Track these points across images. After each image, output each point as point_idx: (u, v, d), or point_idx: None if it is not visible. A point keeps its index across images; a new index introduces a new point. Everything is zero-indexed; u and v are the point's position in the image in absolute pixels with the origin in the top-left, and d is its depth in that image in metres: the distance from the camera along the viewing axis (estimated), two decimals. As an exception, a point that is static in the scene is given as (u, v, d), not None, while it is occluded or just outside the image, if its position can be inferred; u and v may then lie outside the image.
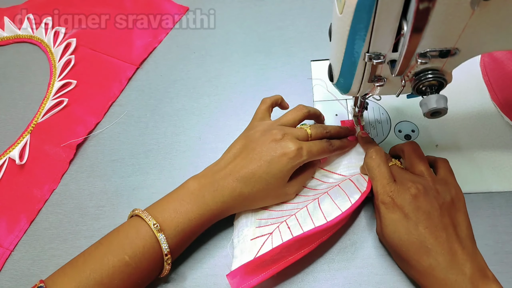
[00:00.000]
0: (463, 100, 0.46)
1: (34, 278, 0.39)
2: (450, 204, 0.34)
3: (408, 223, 0.32)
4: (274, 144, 0.36)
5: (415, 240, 0.32)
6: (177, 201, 0.35)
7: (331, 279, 0.36)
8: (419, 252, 0.32)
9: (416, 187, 0.33)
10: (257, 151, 0.36)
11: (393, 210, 0.33)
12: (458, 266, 0.31)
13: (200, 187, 0.36)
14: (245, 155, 0.37)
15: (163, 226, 0.34)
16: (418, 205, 0.32)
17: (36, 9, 0.60)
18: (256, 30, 0.56)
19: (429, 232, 0.32)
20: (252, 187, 0.36)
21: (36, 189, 0.45)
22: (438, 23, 0.26)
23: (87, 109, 0.50)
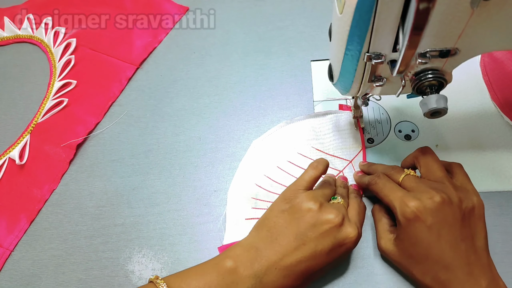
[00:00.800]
0: (463, 100, 0.46)
1: (34, 278, 0.39)
2: (471, 212, 0.32)
3: (430, 236, 0.31)
4: (334, 233, 0.32)
5: (435, 254, 0.31)
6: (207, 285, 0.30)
7: (331, 279, 0.36)
8: (437, 265, 0.31)
9: (441, 196, 0.31)
10: (311, 242, 0.31)
11: (416, 223, 0.31)
12: (474, 278, 0.30)
13: (238, 280, 0.30)
14: (297, 244, 0.31)
15: None
16: (442, 216, 0.31)
17: (36, 9, 0.60)
18: (256, 30, 0.56)
19: (449, 246, 0.31)
20: (304, 281, 0.32)
21: (36, 189, 0.45)
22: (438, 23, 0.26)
23: (87, 109, 0.50)
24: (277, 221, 0.33)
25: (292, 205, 0.33)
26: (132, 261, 0.39)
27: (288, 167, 0.43)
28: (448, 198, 0.31)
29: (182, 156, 0.46)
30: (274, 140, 0.45)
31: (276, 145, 0.45)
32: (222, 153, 0.45)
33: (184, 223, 0.41)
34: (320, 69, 0.51)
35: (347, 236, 0.32)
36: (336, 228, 0.32)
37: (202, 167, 0.45)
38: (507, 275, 0.32)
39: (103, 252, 0.40)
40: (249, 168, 0.43)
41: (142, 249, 0.40)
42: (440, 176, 0.34)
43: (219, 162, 0.45)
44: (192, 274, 0.31)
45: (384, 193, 0.34)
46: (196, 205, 0.42)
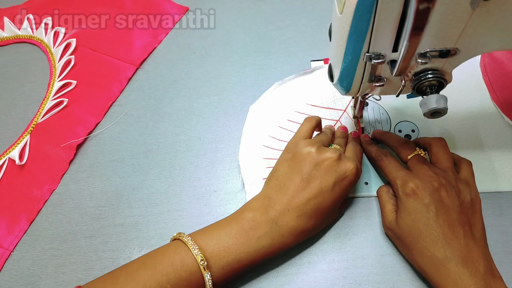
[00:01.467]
0: (463, 100, 0.46)
1: (34, 278, 0.39)
2: (469, 204, 0.34)
3: (428, 214, 0.32)
4: (334, 167, 0.34)
5: (433, 231, 0.32)
6: (229, 237, 0.33)
7: (331, 279, 0.36)
8: (436, 244, 0.32)
9: (440, 181, 0.33)
10: (313, 177, 0.34)
11: (414, 200, 0.33)
12: (472, 263, 0.31)
13: (256, 226, 0.33)
14: (298, 182, 0.35)
15: (210, 262, 0.32)
16: (440, 198, 0.33)
17: (36, 9, 0.60)
18: (256, 30, 0.56)
19: (448, 226, 0.32)
20: (317, 220, 0.34)
21: (36, 189, 0.45)
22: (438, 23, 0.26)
23: (87, 109, 0.50)
24: (283, 170, 0.36)
25: (293, 153, 0.37)
26: (132, 261, 0.39)
27: (289, 125, 0.46)
28: (447, 185, 0.33)
29: (182, 156, 0.46)
30: (270, 102, 0.48)
31: (273, 107, 0.47)
32: (222, 153, 0.45)
33: (184, 223, 0.41)
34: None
35: (347, 169, 0.35)
36: (335, 162, 0.35)
37: (202, 167, 0.45)
38: (507, 275, 0.32)
39: (103, 252, 0.40)
40: (253, 132, 0.45)
41: (142, 249, 0.40)
42: (446, 167, 0.35)
43: (219, 162, 0.45)
44: (214, 227, 0.34)
45: (388, 170, 0.37)
46: (196, 205, 0.42)
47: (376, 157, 0.39)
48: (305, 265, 0.37)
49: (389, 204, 0.37)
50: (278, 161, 0.38)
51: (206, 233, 0.34)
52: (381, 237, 0.38)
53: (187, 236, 0.33)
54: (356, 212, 0.40)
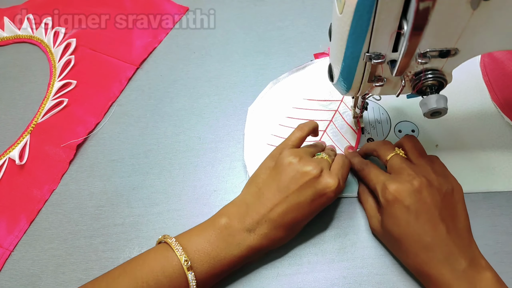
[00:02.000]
0: (463, 100, 0.46)
1: (34, 278, 0.39)
2: (451, 195, 0.34)
3: (409, 216, 0.32)
4: (313, 183, 0.34)
5: (414, 233, 0.32)
6: (208, 242, 0.33)
7: (331, 279, 0.36)
8: (418, 244, 0.32)
9: (419, 180, 0.33)
10: (290, 190, 0.34)
11: (394, 204, 0.33)
12: (454, 258, 0.31)
13: (233, 232, 0.34)
14: (275, 192, 0.34)
15: (192, 264, 0.32)
16: (420, 197, 0.33)
17: (36, 9, 0.60)
18: (256, 30, 0.56)
19: (429, 225, 0.32)
20: (291, 231, 0.35)
21: (36, 189, 0.45)
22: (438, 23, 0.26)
23: (87, 109, 0.50)
24: (263, 177, 0.36)
25: (276, 161, 0.36)
26: (132, 261, 0.39)
27: (289, 122, 0.46)
28: (428, 181, 0.33)
29: (182, 156, 0.46)
30: (268, 101, 0.48)
31: (271, 105, 0.48)
32: (222, 153, 0.45)
33: (184, 223, 0.41)
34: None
35: (326, 186, 0.34)
36: (315, 179, 0.34)
37: (202, 167, 0.45)
38: (507, 275, 0.32)
39: (103, 252, 0.40)
40: (255, 132, 0.45)
41: (142, 249, 0.40)
42: (422, 162, 0.36)
43: (219, 162, 0.45)
44: (193, 232, 0.35)
45: (369, 178, 0.37)
46: (196, 205, 0.42)
47: (358, 169, 0.39)
48: (305, 265, 0.37)
49: (369, 205, 0.38)
50: (260, 166, 0.38)
51: (186, 237, 0.34)
52: (381, 237, 0.38)
53: (171, 238, 0.34)
54: (356, 212, 0.40)
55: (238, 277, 0.37)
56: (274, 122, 0.46)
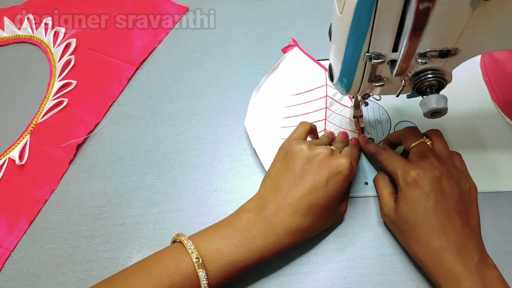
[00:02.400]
0: (463, 100, 0.46)
1: (34, 278, 0.39)
2: (468, 193, 0.34)
3: (427, 203, 0.32)
4: (324, 162, 0.34)
5: (430, 220, 0.32)
6: (223, 238, 0.33)
7: (331, 279, 0.36)
8: (432, 233, 0.32)
9: (441, 169, 0.33)
10: (306, 174, 0.34)
11: (415, 189, 0.33)
12: (467, 252, 0.31)
13: (250, 226, 0.33)
14: (291, 179, 0.34)
15: (205, 262, 0.31)
16: (440, 186, 0.33)
17: (36, 9, 0.60)
18: (256, 30, 0.56)
19: (445, 215, 0.32)
20: (312, 217, 0.33)
21: (36, 189, 0.45)
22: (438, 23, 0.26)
23: (87, 109, 0.50)
24: (276, 169, 0.36)
25: (285, 152, 0.37)
26: (132, 261, 0.39)
27: (289, 122, 0.46)
28: (449, 173, 0.34)
29: (182, 156, 0.46)
30: (260, 109, 0.48)
31: (266, 112, 0.47)
32: (222, 153, 0.45)
33: (184, 223, 0.41)
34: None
35: (340, 163, 0.34)
36: (328, 157, 0.34)
37: (202, 167, 0.45)
38: (507, 275, 0.32)
39: (103, 252, 0.40)
40: (263, 142, 0.45)
41: (142, 249, 0.40)
42: (446, 155, 0.36)
43: (219, 162, 0.45)
44: (208, 230, 0.34)
45: (388, 162, 0.36)
46: (196, 205, 0.42)
47: (375, 152, 0.39)
48: (305, 265, 0.37)
49: (385, 191, 0.37)
50: (272, 161, 0.38)
51: (200, 236, 0.34)
52: (381, 237, 0.38)
53: (184, 236, 0.33)
54: (356, 212, 0.40)
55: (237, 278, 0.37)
56: (275, 126, 0.46)
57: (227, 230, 0.33)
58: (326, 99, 0.47)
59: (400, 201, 0.34)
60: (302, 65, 0.50)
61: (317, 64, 0.50)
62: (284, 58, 0.51)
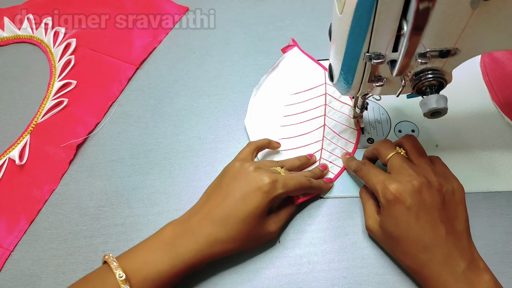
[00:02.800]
0: (463, 100, 0.46)
1: (34, 278, 0.39)
2: (451, 195, 0.34)
3: (410, 217, 0.32)
4: (247, 177, 0.35)
5: (414, 234, 0.32)
6: (147, 250, 0.33)
7: (331, 279, 0.36)
8: (417, 245, 0.32)
9: (420, 181, 0.33)
10: (230, 188, 0.35)
11: (396, 204, 0.33)
12: (453, 260, 0.31)
13: (174, 235, 0.34)
14: (218, 193, 0.36)
15: (130, 276, 0.31)
16: (420, 198, 0.32)
17: (36, 9, 0.60)
18: (256, 30, 0.56)
19: (429, 226, 0.32)
20: (229, 229, 0.34)
21: (36, 189, 0.45)
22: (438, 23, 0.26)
23: (87, 109, 0.50)
24: (212, 185, 0.38)
25: (224, 169, 0.38)
26: (132, 261, 0.39)
27: (289, 121, 0.46)
28: (428, 182, 0.33)
29: (182, 156, 0.46)
30: (260, 108, 0.48)
31: (265, 111, 0.47)
32: (222, 153, 0.45)
33: (184, 223, 0.41)
34: (320, 69, 0.51)
35: (260, 180, 0.34)
36: (250, 173, 0.35)
37: (202, 167, 0.45)
38: (507, 275, 0.32)
39: (103, 252, 0.40)
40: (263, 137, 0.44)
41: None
42: (423, 161, 0.35)
43: (219, 162, 0.45)
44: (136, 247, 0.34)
45: (368, 178, 0.36)
46: (196, 205, 0.42)
47: (356, 169, 0.39)
48: (305, 265, 0.37)
49: (369, 204, 0.37)
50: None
51: (127, 253, 0.34)
52: (381, 237, 0.38)
53: (110, 256, 0.33)
54: (356, 212, 0.40)
55: (238, 277, 0.37)
56: (275, 125, 0.46)
57: (152, 242, 0.34)
58: (326, 97, 0.47)
59: (383, 216, 0.34)
60: (301, 64, 0.51)
61: (316, 64, 0.50)
62: (284, 58, 0.51)
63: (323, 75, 0.49)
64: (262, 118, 0.47)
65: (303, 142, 0.45)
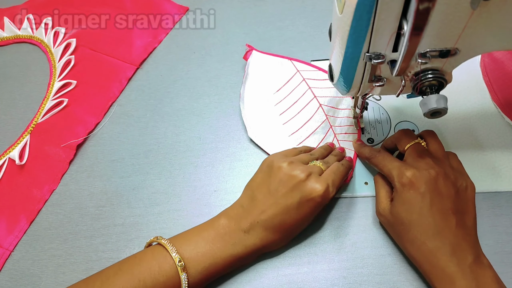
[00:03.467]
0: (463, 100, 0.46)
1: (34, 278, 0.39)
2: (464, 191, 0.34)
3: (423, 203, 0.32)
4: (300, 186, 0.35)
5: (425, 220, 0.32)
6: (204, 241, 0.34)
7: (331, 279, 0.36)
8: (427, 233, 0.32)
9: (437, 170, 0.33)
10: (283, 195, 0.35)
11: (410, 189, 0.33)
12: (461, 252, 0.31)
13: (230, 232, 0.35)
14: (267, 197, 0.36)
15: (187, 264, 0.33)
16: (436, 186, 0.33)
17: (36, 9, 0.60)
18: (256, 30, 0.56)
19: (440, 215, 0.32)
20: (283, 234, 0.36)
21: (36, 189, 0.45)
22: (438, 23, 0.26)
23: (87, 109, 0.50)
24: (257, 181, 0.38)
25: (268, 166, 0.38)
26: (132, 261, 0.39)
27: (286, 117, 0.47)
28: (445, 173, 0.34)
29: (182, 156, 0.46)
30: (255, 118, 0.47)
31: (260, 118, 0.47)
32: (222, 153, 0.45)
33: (184, 223, 0.41)
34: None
35: (313, 190, 0.34)
36: (302, 183, 0.35)
37: (202, 167, 0.45)
38: (507, 275, 0.32)
39: (103, 252, 0.40)
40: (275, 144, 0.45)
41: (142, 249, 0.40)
42: (441, 155, 0.36)
43: (219, 162, 0.45)
44: (191, 233, 0.36)
45: (383, 164, 0.37)
46: (196, 205, 0.42)
47: (370, 156, 0.39)
48: (305, 265, 0.37)
49: (383, 190, 0.37)
50: (256, 171, 0.39)
51: (183, 238, 0.35)
52: (381, 237, 0.38)
53: (165, 239, 0.34)
54: (356, 212, 0.40)
55: (238, 277, 0.37)
56: (278, 127, 0.46)
57: (210, 234, 0.35)
58: (306, 82, 0.48)
59: (396, 201, 0.34)
60: (267, 64, 0.51)
61: (280, 58, 0.51)
62: (249, 65, 0.51)
63: (291, 65, 0.50)
64: (262, 126, 0.46)
65: (311, 128, 0.45)
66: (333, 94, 0.47)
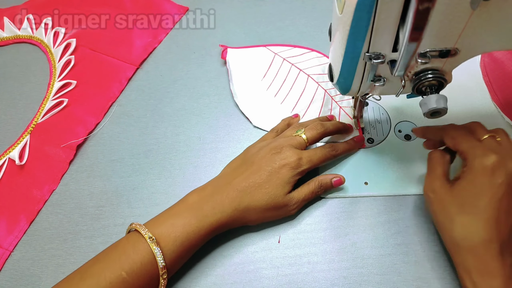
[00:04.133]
0: (463, 100, 0.46)
1: (34, 278, 0.39)
2: None
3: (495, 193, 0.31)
4: (273, 156, 0.37)
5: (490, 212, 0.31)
6: (175, 215, 0.35)
7: (331, 279, 0.36)
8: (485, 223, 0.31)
9: None
10: (256, 163, 0.37)
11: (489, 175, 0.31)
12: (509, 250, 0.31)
13: (199, 199, 0.36)
14: (244, 168, 0.38)
15: (160, 239, 0.33)
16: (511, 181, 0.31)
17: (36, 9, 0.60)
18: (256, 30, 0.56)
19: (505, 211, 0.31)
20: (252, 196, 0.36)
21: (36, 189, 0.45)
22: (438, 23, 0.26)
23: (87, 109, 0.50)
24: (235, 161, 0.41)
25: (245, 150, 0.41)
26: (132, 261, 0.39)
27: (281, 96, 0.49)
28: None
29: (182, 156, 0.46)
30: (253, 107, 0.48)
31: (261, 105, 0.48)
32: (222, 153, 0.45)
33: (184, 223, 0.41)
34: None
35: (286, 156, 0.37)
36: (274, 151, 0.38)
37: (202, 167, 0.45)
38: (507, 275, 0.32)
39: (103, 252, 0.40)
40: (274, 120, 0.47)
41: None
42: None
43: (219, 162, 0.45)
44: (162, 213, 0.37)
45: (461, 140, 0.34)
46: (196, 205, 0.42)
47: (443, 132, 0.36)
48: (305, 265, 0.37)
49: (440, 168, 0.35)
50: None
51: (155, 219, 0.36)
52: (381, 237, 0.38)
53: (138, 224, 0.35)
54: (356, 212, 0.40)
55: (238, 277, 0.37)
56: (276, 106, 0.48)
57: (178, 207, 0.36)
58: (288, 61, 0.51)
59: (465, 181, 0.32)
60: (244, 57, 0.53)
61: (254, 48, 0.53)
62: (229, 63, 0.52)
63: (268, 51, 0.53)
64: (263, 111, 0.48)
65: (309, 99, 0.48)
66: (316, 63, 0.51)
